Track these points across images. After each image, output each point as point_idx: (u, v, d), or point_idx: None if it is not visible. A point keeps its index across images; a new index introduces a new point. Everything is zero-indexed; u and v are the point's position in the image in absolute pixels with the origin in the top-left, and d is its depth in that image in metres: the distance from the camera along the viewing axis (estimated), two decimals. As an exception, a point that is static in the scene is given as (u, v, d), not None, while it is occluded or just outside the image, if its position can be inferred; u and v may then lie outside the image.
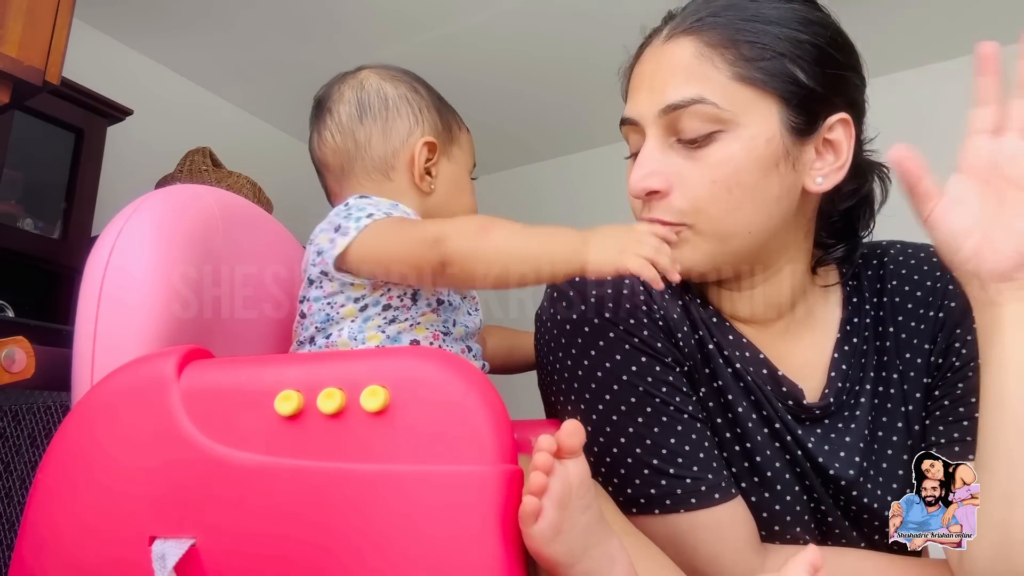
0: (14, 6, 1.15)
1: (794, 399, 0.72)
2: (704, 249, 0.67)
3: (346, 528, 0.48)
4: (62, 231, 1.69)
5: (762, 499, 0.70)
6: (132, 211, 0.67)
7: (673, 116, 0.65)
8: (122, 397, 0.56)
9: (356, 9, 2.02)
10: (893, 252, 0.78)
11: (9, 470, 0.99)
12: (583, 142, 2.68)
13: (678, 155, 0.66)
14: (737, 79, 0.65)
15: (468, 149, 0.87)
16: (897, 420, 0.73)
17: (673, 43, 0.67)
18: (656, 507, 0.66)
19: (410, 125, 0.81)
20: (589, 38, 2.09)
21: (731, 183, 0.65)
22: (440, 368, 0.51)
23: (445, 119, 0.84)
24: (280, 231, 0.88)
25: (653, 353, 0.68)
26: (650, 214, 0.67)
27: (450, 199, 0.83)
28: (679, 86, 0.65)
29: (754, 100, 0.65)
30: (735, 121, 0.64)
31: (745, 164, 0.64)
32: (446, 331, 0.75)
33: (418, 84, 0.85)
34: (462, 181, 0.85)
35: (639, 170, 0.67)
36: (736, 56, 0.65)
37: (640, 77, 0.70)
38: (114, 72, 2.11)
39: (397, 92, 0.83)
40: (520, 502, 0.48)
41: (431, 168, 0.81)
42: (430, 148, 0.81)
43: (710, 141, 0.65)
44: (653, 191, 0.66)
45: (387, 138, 0.80)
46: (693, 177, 0.65)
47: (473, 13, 2.02)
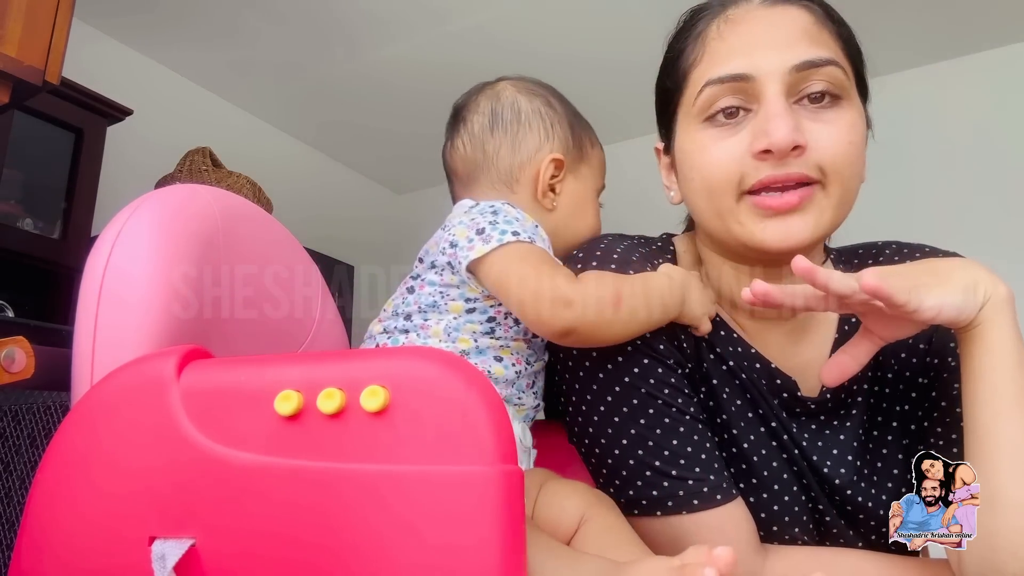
0: (14, 6, 1.15)
1: (788, 391, 0.72)
2: (828, 212, 0.65)
3: (346, 528, 0.48)
4: (62, 231, 1.69)
5: (760, 500, 0.71)
6: (132, 211, 0.67)
7: (804, 74, 0.64)
8: (122, 397, 0.56)
9: (356, 9, 2.02)
10: (888, 252, 0.78)
11: (9, 470, 0.99)
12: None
13: (803, 115, 0.65)
14: (845, 55, 0.67)
15: (598, 168, 0.86)
16: (892, 420, 0.73)
17: (783, 9, 0.67)
18: (658, 509, 0.66)
19: (540, 140, 0.81)
20: (590, 37, 2.09)
21: (859, 149, 0.66)
22: (440, 368, 0.51)
23: (578, 136, 0.83)
24: (280, 231, 0.87)
25: (655, 355, 0.68)
26: (784, 171, 0.64)
27: (571, 218, 0.82)
28: (809, 46, 0.65)
29: (853, 79, 0.68)
30: (850, 93, 0.66)
31: (862, 135, 0.67)
32: (528, 362, 0.74)
33: (554, 99, 0.84)
34: (586, 202, 0.84)
35: (783, 122, 0.63)
36: (842, 34, 0.68)
37: (750, 35, 0.67)
38: (114, 72, 2.11)
39: (531, 106, 0.82)
40: (521, 503, 0.48)
41: (556, 185, 0.81)
42: (557, 165, 0.80)
43: (836, 105, 0.65)
44: (799, 145, 0.63)
45: (515, 151, 0.80)
46: (829, 135, 0.64)
47: (473, 13, 2.02)
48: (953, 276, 0.60)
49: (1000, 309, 0.60)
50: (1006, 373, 0.58)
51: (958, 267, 0.62)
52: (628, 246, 0.75)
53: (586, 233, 0.82)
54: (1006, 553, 0.55)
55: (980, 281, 0.60)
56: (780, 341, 0.74)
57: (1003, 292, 0.60)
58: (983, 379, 0.59)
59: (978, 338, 0.60)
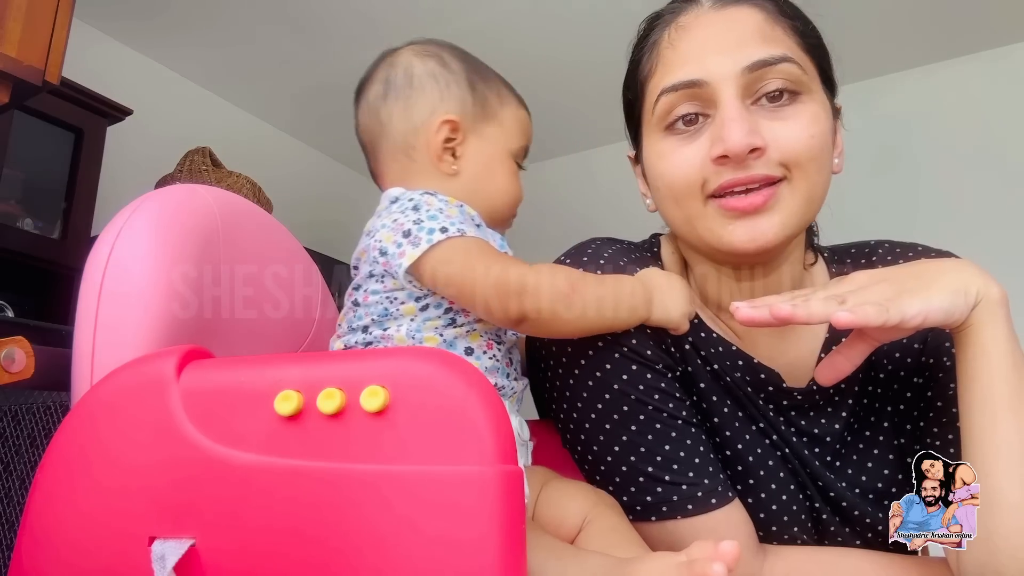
0: (14, 6, 1.15)
1: (773, 384, 0.72)
2: (795, 209, 0.65)
3: (346, 528, 0.48)
4: (62, 231, 1.69)
5: (758, 500, 0.71)
6: (131, 211, 0.67)
7: (758, 74, 0.64)
8: (122, 397, 0.56)
9: (356, 9, 2.02)
10: (881, 251, 0.77)
11: (9, 470, 0.99)
12: (584, 141, 2.68)
13: (761, 118, 0.65)
14: (804, 49, 0.67)
15: (513, 128, 0.80)
16: (884, 420, 0.73)
17: (734, 9, 0.67)
18: (653, 514, 0.66)
19: (433, 102, 0.77)
20: (589, 38, 2.09)
21: (823, 142, 0.65)
22: (440, 368, 0.51)
23: (480, 95, 0.78)
24: (280, 231, 0.87)
25: (643, 360, 0.68)
26: (746, 173, 0.64)
27: (480, 182, 0.77)
28: (761, 46, 0.65)
29: (814, 73, 0.67)
30: (810, 87, 0.66)
31: (826, 127, 0.66)
32: (499, 340, 0.72)
33: (453, 58, 0.80)
34: (496, 163, 0.78)
35: (738, 126, 0.63)
36: (799, 29, 0.67)
37: (701, 40, 0.67)
38: (114, 72, 2.11)
39: (424, 68, 0.78)
40: (520, 502, 0.48)
41: (456, 148, 0.77)
42: (452, 127, 0.76)
43: (795, 101, 0.65)
44: (756, 147, 0.63)
45: (408, 116, 0.77)
46: (790, 132, 0.64)
47: (472, 13, 2.02)
48: (941, 279, 0.60)
49: (993, 310, 0.59)
50: (1000, 374, 0.58)
51: (949, 269, 0.61)
52: (617, 250, 0.75)
53: (501, 197, 0.78)
54: (1004, 555, 0.55)
55: (971, 283, 0.59)
56: (769, 340, 0.74)
57: (996, 293, 0.60)
58: (977, 381, 0.59)
59: (971, 339, 0.60)
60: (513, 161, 0.80)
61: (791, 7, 0.68)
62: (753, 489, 0.71)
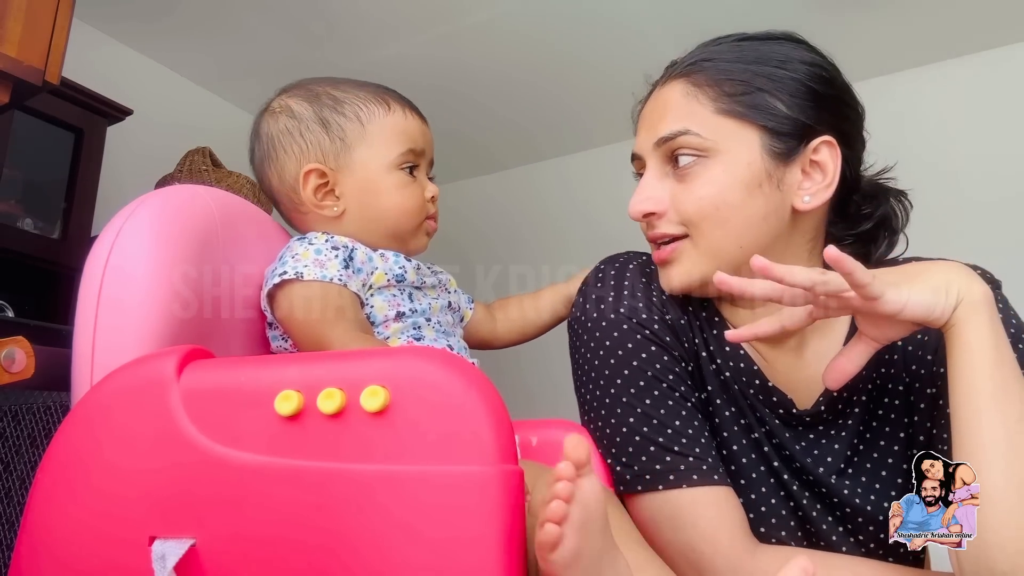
0: (14, 6, 1.15)
1: (784, 408, 0.76)
2: (699, 261, 0.74)
3: (346, 528, 0.48)
4: (62, 231, 1.69)
5: (748, 501, 0.74)
6: (131, 211, 0.67)
7: (665, 148, 0.74)
8: (122, 397, 0.56)
9: (355, 9, 2.02)
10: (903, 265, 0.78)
11: (9, 470, 0.99)
12: (583, 142, 2.67)
13: (672, 181, 0.75)
14: (719, 112, 0.72)
15: (386, 140, 0.80)
16: (899, 431, 0.75)
17: (668, 86, 0.76)
18: (660, 483, 0.70)
19: (296, 157, 0.80)
20: (589, 38, 2.09)
21: (717, 201, 0.72)
22: (440, 368, 0.51)
23: (336, 129, 0.79)
24: (280, 231, 0.87)
25: (662, 344, 0.75)
26: (652, 231, 0.76)
27: (368, 208, 0.79)
28: (669, 121, 0.74)
29: (735, 130, 0.72)
30: (717, 149, 0.72)
31: (728, 184, 0.72)
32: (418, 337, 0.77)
33: (299, 103, 0.81)
34: (375, 185, 0.79)
35: (637, 196, 0.76)
36: (718, 93, 0.73)
37: (642, 118, 0.80)
38: (114, 72, 2.11)
39: (277, 127, 0.81)
40: (521, 502, 0.48)
41: (334, 188, 0.79)
42: (318, 173, 0.78)
43: (696, 166, 0.73)
44: (650, 213, 0.75)
45: (282, 179, 0.81)
46: (683, 197, 0.73)
47: (472, 13, 2.02)
48: (923, 276, 0.63)
49: (975, 309, 0.61)
50: (984, 371, 0.60)
51: (932, 269, 0.64)
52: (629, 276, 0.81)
53: (392, 213, 0.80)
54: (995, 548, 0.56)
55: (953, 282, 0.62)
56: (785, 358, 0.77)
57: (978, 292, 0.62)
58: (962, 378, 0.61)
59: (955, 338, 0.62)
60: (397, 172, 0.80)
61: (724, 69, 0.73)
62: (743, 490, 0.74)
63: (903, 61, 2.20)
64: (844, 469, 0.74)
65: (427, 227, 0.85)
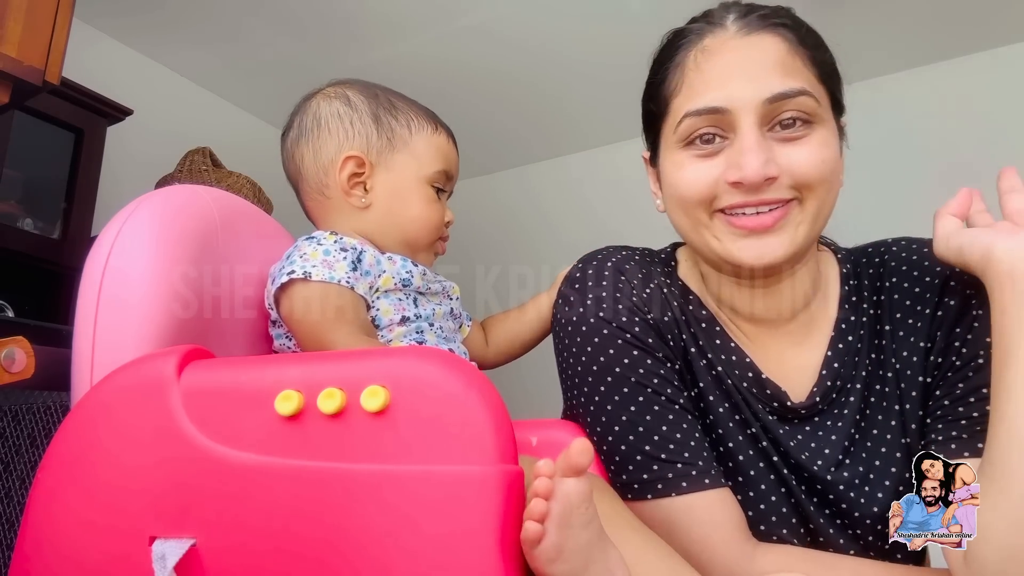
0: (14, 6, 1.15)
1: (778, 401, 0.74)
2: (803, 227, 0.70)
3: (346, 528, 0.48)
4: (62, 231, 1.69)
5: (747, 498, 0.72)
6: (131, 211, 0.67)
7: (777, 105, 0.68)
8: (122, 397, 0.56)
9: (356, 9, 2.02)
10: (895, 249, 0.78)
11: (9, 470, 0.99)
12: (583, 142, 2.68)
13: (775, 143, 0.69)
14: (819, 78, 0.70)
15: (424, 154, 0.83)
16: (891, 419, 0.74)
17: (757, 37, 0.70)
18: (649, 492, 0.69)
19: (339, 142, 0.82)
20: (589, 38, 2.09)
21: (833, 166, 0.70)
22: (440, 368, 0.51)
23: (386, 128, 0.82)
24: (280, 231, 0.88)
25: (644, 348, 0.73)
26: (757, 196, 0.68)
27: (394, 210, 0.82)
28: (782, 77, 0.68)
29: (826, 101, 0.71)
30: (823, 116, 0.70)
31: (835, 152, 0.71)
32: (417, 306, 0.79)
33: (360, 96, 0.84)
34: (406, 191, 0.82)
35: (757, 156, 0.67)
36: (816, 59, 0.70)
37: (725, 67, 0.70)
38: (114, 72, 2.11)
39: (330, 110, 0.83)
40: (521, 502, 0.48)
41: (366, 181, 0.81)
42: (357, 163, 0.81)
43: (807, 129, 0.69)
44: (772, 177, 0.67)
45: (317, 157, 0.82)
46: (802, 157, 0.68)
47: (472, 13, 2.02)
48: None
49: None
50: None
51: None
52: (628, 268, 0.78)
53: (415, 223, 0.83)
54: (980, 539, 0.56)
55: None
56: (779, 345, 0.76)
57: None
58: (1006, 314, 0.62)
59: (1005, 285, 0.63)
60: (428, 187, 0.84)
61: (812, 36, 0.71)
62: (742, 487, 0.73)
63: (903, 61, 2.20)
64: (842, 461, 0.73)
65: (437, 247, 0.88)
